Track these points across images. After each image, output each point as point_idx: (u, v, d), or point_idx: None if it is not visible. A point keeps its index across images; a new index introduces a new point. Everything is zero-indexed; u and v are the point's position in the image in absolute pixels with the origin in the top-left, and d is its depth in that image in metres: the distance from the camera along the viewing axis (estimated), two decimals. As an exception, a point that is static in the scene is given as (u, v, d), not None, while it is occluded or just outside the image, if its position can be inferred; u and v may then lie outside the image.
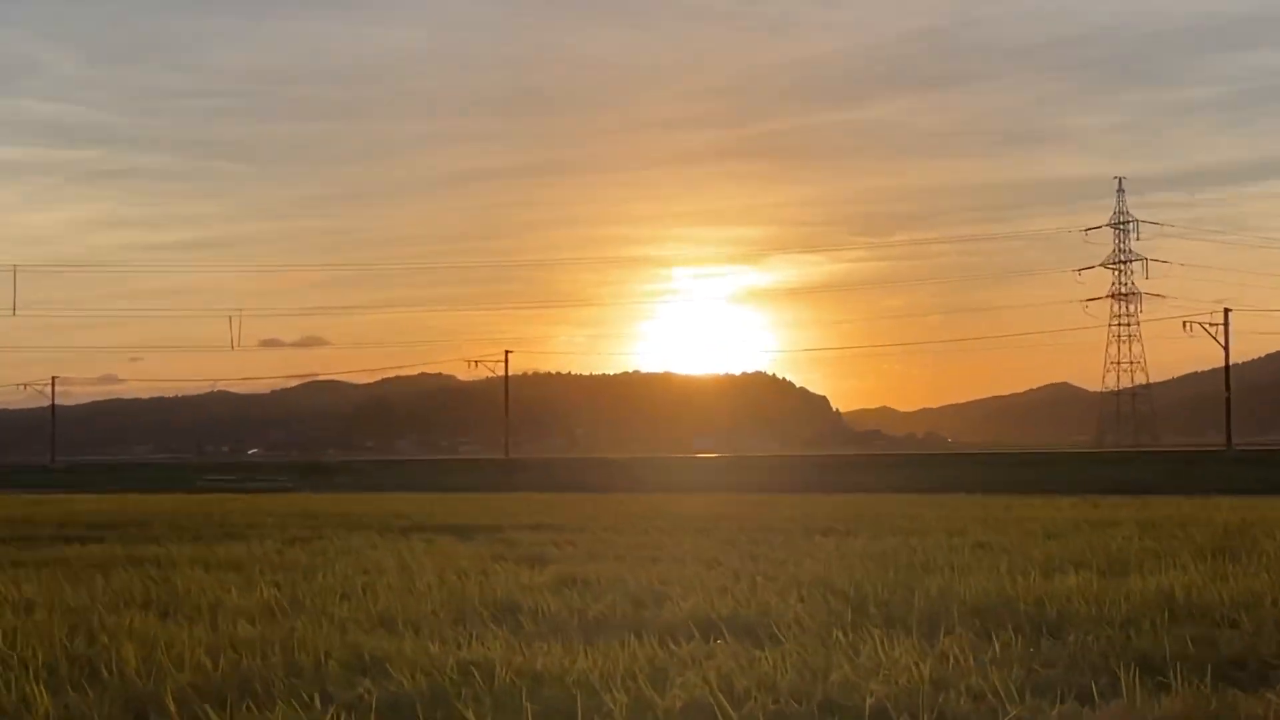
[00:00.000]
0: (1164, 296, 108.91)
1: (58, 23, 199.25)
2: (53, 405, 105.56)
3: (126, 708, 5.11)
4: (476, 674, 5.38)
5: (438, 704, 5.00)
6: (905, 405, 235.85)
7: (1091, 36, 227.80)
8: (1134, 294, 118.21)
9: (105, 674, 5.66)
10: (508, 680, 5.30)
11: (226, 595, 8.41)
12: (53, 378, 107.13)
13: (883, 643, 5.88)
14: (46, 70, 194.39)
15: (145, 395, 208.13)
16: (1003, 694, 4.92)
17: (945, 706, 4.77)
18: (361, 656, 5.93)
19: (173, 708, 5.00)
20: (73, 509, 25.01)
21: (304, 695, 5.12)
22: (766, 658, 5.65)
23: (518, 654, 5.86)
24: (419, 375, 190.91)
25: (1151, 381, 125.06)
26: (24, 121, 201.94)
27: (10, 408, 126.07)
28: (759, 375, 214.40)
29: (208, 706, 4.97)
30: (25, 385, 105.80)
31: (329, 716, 4.84)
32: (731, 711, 4.71)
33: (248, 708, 5.01)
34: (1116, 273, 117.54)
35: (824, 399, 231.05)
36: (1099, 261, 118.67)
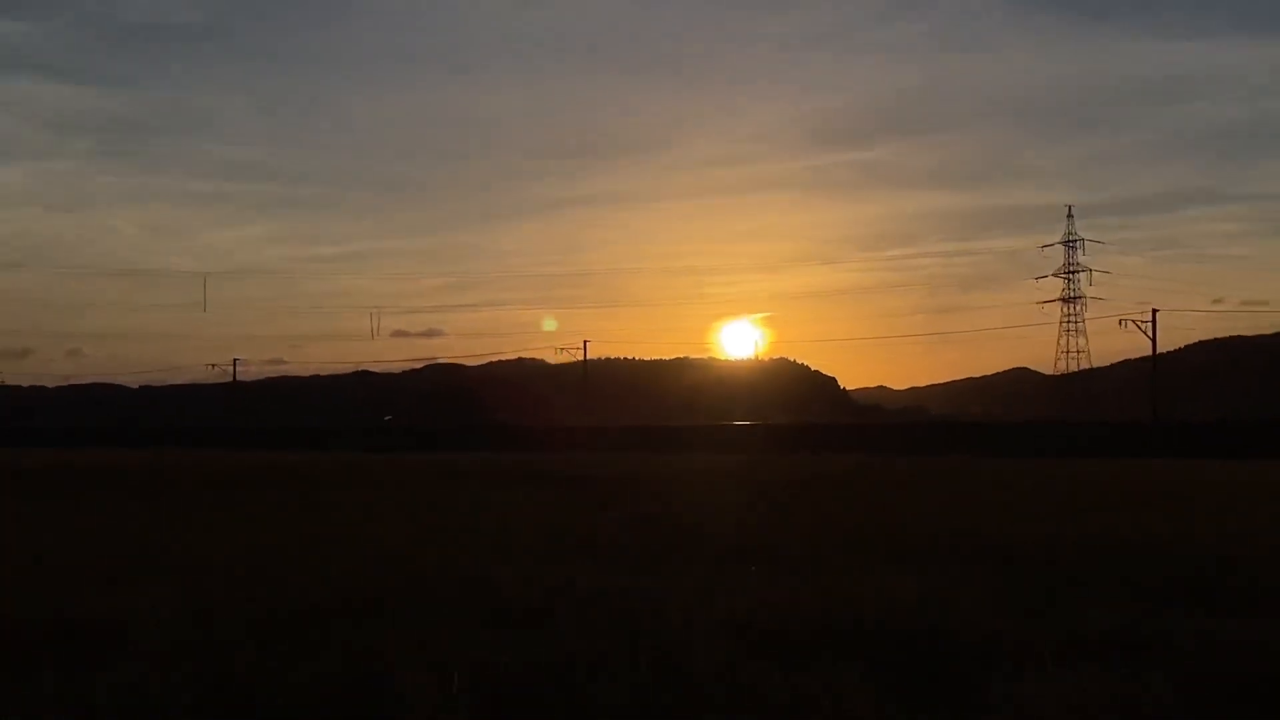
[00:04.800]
0: (1104, 299, 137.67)
1: (232, 81, 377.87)
2: (234, 380, 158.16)
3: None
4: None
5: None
6: (899, 384, 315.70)
7: (1041, 90, 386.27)
8: (1080, 297, 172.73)
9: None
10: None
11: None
12: (234, 359, 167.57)
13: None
14: (226, 121, 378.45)
15: (304, 374, 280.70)
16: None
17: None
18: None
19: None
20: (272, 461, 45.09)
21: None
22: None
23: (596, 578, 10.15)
24: (516, 360, 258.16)
25: (1094, 366, 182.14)
26: (213, 162, 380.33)
27: (200, 382, 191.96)
28: (782, 361, 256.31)
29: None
30: (213, 365, 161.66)
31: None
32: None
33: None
34: (1066, 280, 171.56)
35: (833, 379, 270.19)
36: (1052, 271, 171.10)
